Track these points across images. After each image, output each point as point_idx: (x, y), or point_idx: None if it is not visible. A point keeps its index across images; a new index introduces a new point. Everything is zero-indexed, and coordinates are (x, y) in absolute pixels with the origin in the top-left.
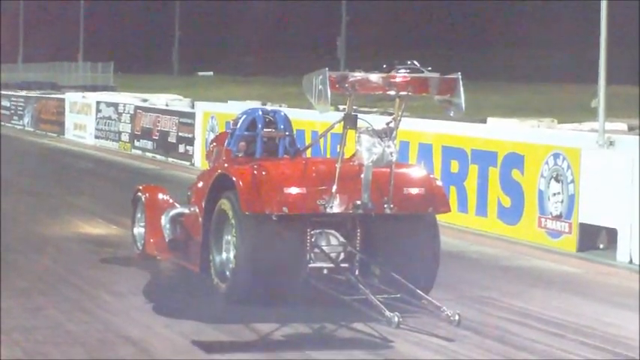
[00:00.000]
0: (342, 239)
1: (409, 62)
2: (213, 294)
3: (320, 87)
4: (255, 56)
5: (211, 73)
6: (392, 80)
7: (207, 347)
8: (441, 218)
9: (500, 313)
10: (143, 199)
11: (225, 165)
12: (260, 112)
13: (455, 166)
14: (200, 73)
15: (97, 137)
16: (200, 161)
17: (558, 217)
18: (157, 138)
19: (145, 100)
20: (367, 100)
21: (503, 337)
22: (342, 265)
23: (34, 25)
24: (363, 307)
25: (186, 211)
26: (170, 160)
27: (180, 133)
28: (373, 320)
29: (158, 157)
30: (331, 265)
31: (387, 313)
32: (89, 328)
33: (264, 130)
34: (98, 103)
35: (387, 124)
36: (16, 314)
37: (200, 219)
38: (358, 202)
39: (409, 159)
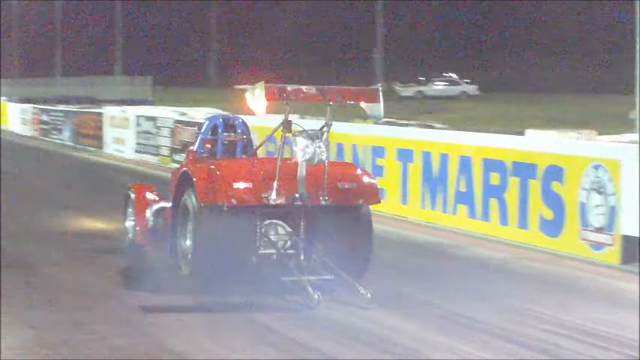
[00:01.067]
0: (288, 229)
1: (446, 74)
2: (255, 307)
3: (258, 97)
4: (293, 69)
5: (248, 86)
6: (324, 90)
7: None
8: (482, 231)
9: (541, 324)
10: (132, 196)
11: (189, 164)
12: (221, 119)
13: (495, 179)
14: (236, 87)
15: (136, 151)
16: None
17: (600, 230)
18: None
19: (183, 114)
20: (410, 112)
21: (545, 348)
22: (289, 251)
23: (72, 39)
24: (296, 287)
25: (167, 205)
26: None
27: None
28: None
29: None
30: (278, 251)
31: (311, 291)
32: (134, 342)
33: (224, 134)
34: (137, 117)
35: (321, 128)
36: (62, 329)
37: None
38: (296, 195)
39: (449, 171)
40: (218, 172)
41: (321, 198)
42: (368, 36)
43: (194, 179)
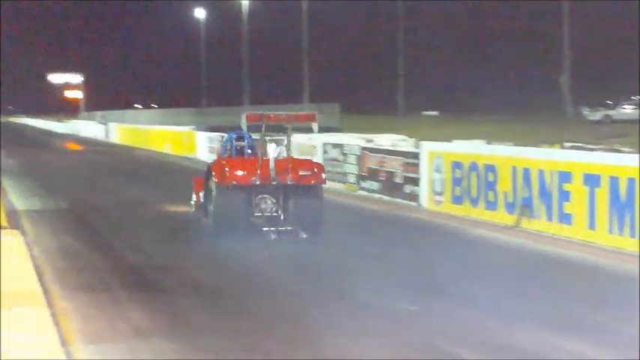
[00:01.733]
0: (274, 201)
1: (634, 97)
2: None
3: (243, 120)
4: (476, 96)
5: (436, 112)
6: (287, 114)
7: None
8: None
9: None
10: (194, 184)
11: (213, 162)
12: (235, 135)
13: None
14: (424, 113)
15: None
16: (427, 202)
17: None
18: (383, 179)
19: (370, 141)
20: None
21: None
22: (274, 214)
23: (261, 70)
24: (270, 232)
25: None
26: (396, 200)
27: (406, 174)
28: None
29: (384, 197)
30: (266, 214)
31: (269, 232)
32: None
33: (237, 143)
34: (324, 144)
35: (286, 138)
36: (233, 354)
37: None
38: (271, 178)
39: (636, 196)
40: (226, 166)
41: (288, 179)
42: (555, 61)
43: (214, 170)
